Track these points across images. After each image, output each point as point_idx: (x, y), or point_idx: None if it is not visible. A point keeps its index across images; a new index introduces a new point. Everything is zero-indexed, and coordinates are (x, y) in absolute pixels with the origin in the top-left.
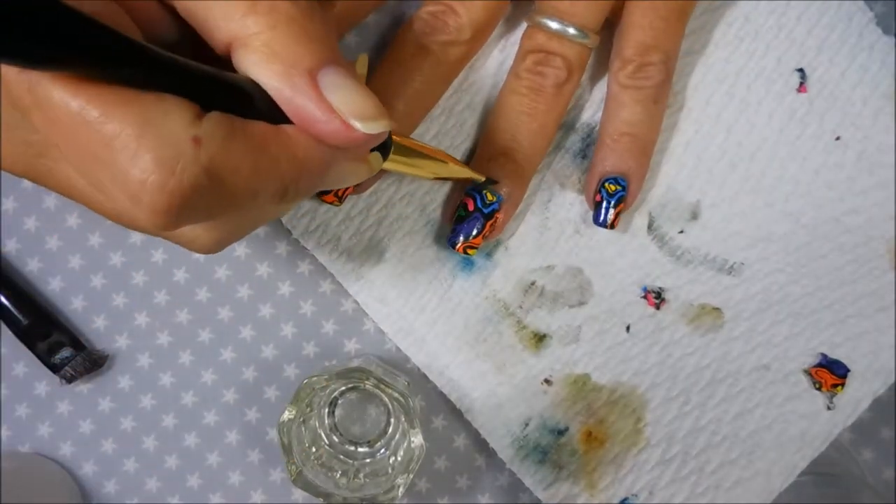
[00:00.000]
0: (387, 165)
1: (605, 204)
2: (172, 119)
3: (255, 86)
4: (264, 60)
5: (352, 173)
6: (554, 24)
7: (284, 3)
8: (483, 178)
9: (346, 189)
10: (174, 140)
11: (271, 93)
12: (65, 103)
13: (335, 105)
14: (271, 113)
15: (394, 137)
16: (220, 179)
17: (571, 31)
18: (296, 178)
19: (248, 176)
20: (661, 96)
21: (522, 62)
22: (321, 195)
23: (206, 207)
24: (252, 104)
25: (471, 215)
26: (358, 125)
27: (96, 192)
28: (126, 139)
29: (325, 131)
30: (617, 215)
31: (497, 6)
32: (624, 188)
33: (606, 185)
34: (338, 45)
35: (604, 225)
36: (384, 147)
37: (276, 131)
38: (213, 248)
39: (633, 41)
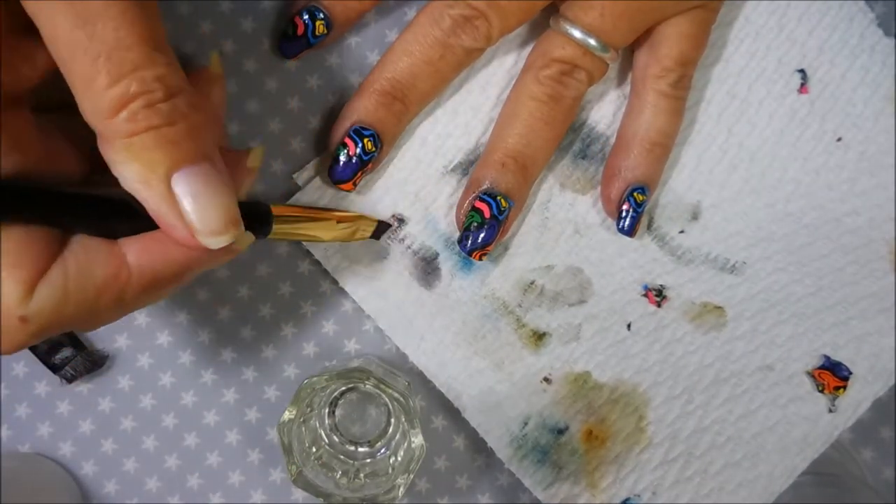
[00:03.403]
0: (272, 236)
1: (632, 213)
2: (5, 297)
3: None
4: (125, 160)
5: (215, 263)
6: (577, 33)
7: (146, 111)
8: (376, 221)
9: (358, 175)
10: (6, 315)
11: (131, 191)
12: None
13: (185, 212)
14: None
15: (273, 211)
16: (51, 331)
17: (592, 42)
18: (145, 298)
19: (85, 319)
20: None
21: (547, 69)
22: (337, 183)
23: (46, 339)
24: (130, 213)
25: (487, 222)
26: (200, 239)
27: None
28: None
29: (175, 236)
30: (639, 223)
31: (529, 12)
32: (647, 197)
33: (636, 194)
34: (207, 141)
35: (628, 233)
36: (266, 223)
37: (116, 270)
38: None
39: (678, 51)
